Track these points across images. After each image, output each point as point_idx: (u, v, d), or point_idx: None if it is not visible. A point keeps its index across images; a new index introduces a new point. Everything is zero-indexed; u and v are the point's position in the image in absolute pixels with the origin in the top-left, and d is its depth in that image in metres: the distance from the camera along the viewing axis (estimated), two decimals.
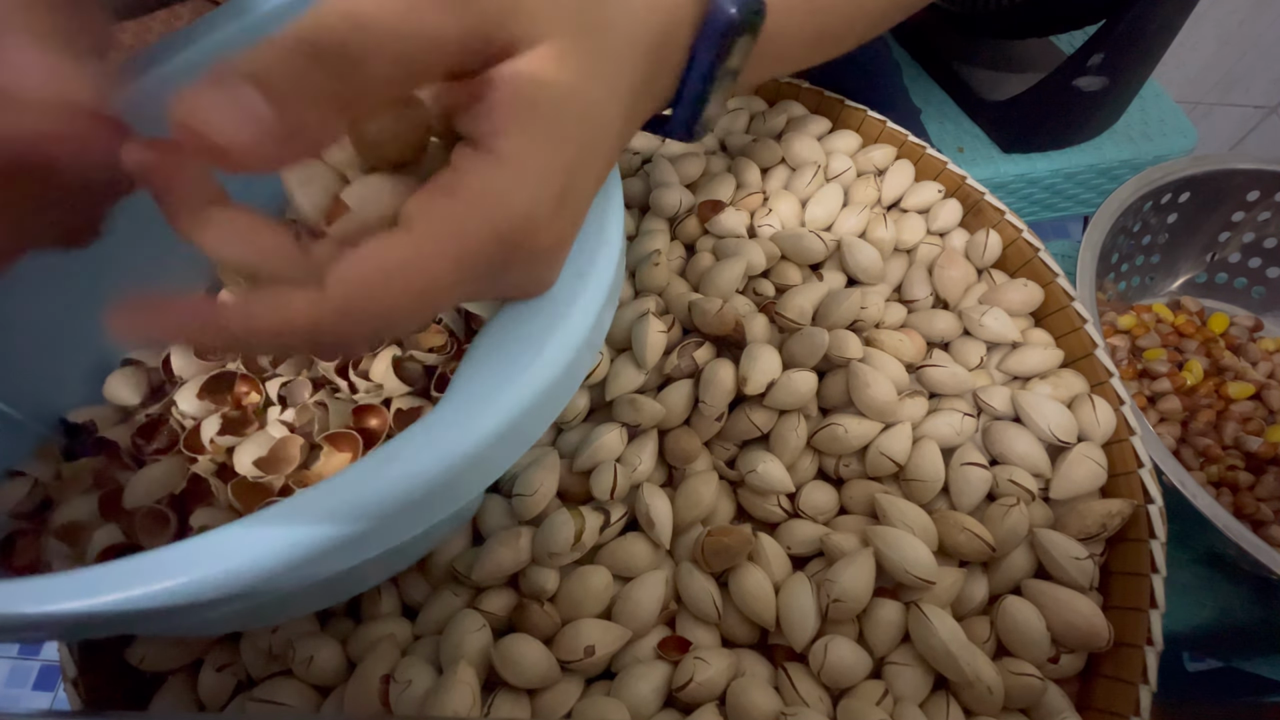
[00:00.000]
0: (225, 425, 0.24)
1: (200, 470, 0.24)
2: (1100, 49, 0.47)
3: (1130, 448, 0.27)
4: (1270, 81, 0.83)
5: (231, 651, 0.25)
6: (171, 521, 0.23)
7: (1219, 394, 0.46)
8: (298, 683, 0.24)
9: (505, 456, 0.17)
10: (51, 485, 0.23)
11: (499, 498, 0.27)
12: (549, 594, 0.25)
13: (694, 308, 0.29)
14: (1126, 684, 0.23)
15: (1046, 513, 0.27)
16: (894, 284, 0.33)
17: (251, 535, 0.14)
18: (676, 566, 0.26)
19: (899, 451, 0.27)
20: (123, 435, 0.24)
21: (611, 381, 0.28)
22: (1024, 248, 0.32)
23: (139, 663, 0.24)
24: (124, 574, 0.14)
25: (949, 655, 0.23)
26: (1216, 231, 0.50)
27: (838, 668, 0.23)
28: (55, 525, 0.22)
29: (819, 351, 0.28)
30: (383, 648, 0.23)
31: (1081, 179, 0.56)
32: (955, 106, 0.57)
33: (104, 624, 0.14)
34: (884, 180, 0.35)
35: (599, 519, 0.25)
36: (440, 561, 0.26)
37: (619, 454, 0.27)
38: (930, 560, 0.24)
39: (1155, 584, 0.24)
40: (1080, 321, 0.30)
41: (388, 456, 0.15)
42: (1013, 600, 0.25)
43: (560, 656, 0.23)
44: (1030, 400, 0.28)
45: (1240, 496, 0.43)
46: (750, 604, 0.24)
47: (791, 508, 0.28)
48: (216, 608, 0.14)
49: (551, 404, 0.17)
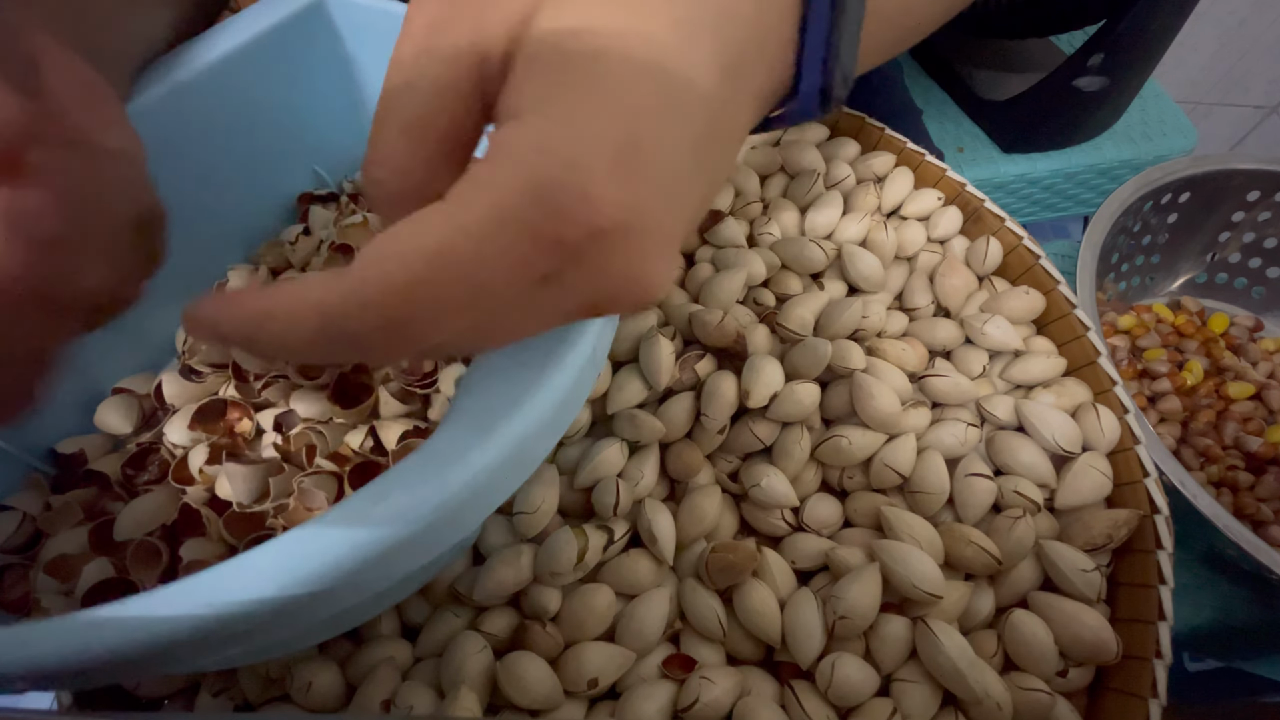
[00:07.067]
0: (214, 453, 0.23)
1: (191, 500, 0.24)
2: (1100, 49, 0.46)
3: (1135, 457, 0.27)
4: (1270, 81, 0.83)
5: (228, 676, 0.24)
6: (163, 554, 0.23)
7: (1219, 394, 0.46)
8: (296, 709, 0.23)
9: (506, 486, 0.16)
10: (41, 518, 0.23)
11: (499, 516, 0.26)
12: (551, 614, 0.24)
13: (694, 319, 0.29)
14: (1136, 698, 0.23)
15: (1052, 524, 0.27)
16: (895, 292, 0.33)
17: (241, 576, 0.13)
18: (680, 583, 0.26)
19: (903, 463, 0.27)
20: (113, 465, 0.24)
21: (613, 395, 0.28)
22: (1025, 255, 0.32)
23: (135, 689, 0.24)
24: (108, 622, 0.13)
25: (957, 672, 0.22)
26: (1216, 231, 0.50)
27: (845, 686, 0.23)
28: (45, 559, 0.22)
29: (822, 362, 0.28)
30: (382, 671, 0.23)
31: (1081, 179, 0.56)
32: (955, 106, 0.57)
33: (88, 675, 0.14)
34: (884, 187, 0.35)
35: (602, 537, 0.25)
36: (440, 582, 0.25)
37: (620, 469, 0.26)
38: (937, 574, 0.24)
39: (1163, 595, 0.24)
40: (1083, 329, 0.30)
41: (383, 491, 0.14)
42: (1020, 614, 0.24)
43: (564, 687, 0.23)
44: (1034, 409, 0.28)
45: (1240, 496, 0.43)
46: (755, 621, 0.24)
47: (796, 521, 0.27)
48: (206, 654, 0.14)
49: (554, 427, 0.16)
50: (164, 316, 0.29)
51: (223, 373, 0.26)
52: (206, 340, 0.13)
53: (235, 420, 0.25)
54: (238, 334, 0.12)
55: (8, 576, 0.22)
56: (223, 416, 0.25)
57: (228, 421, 0.25)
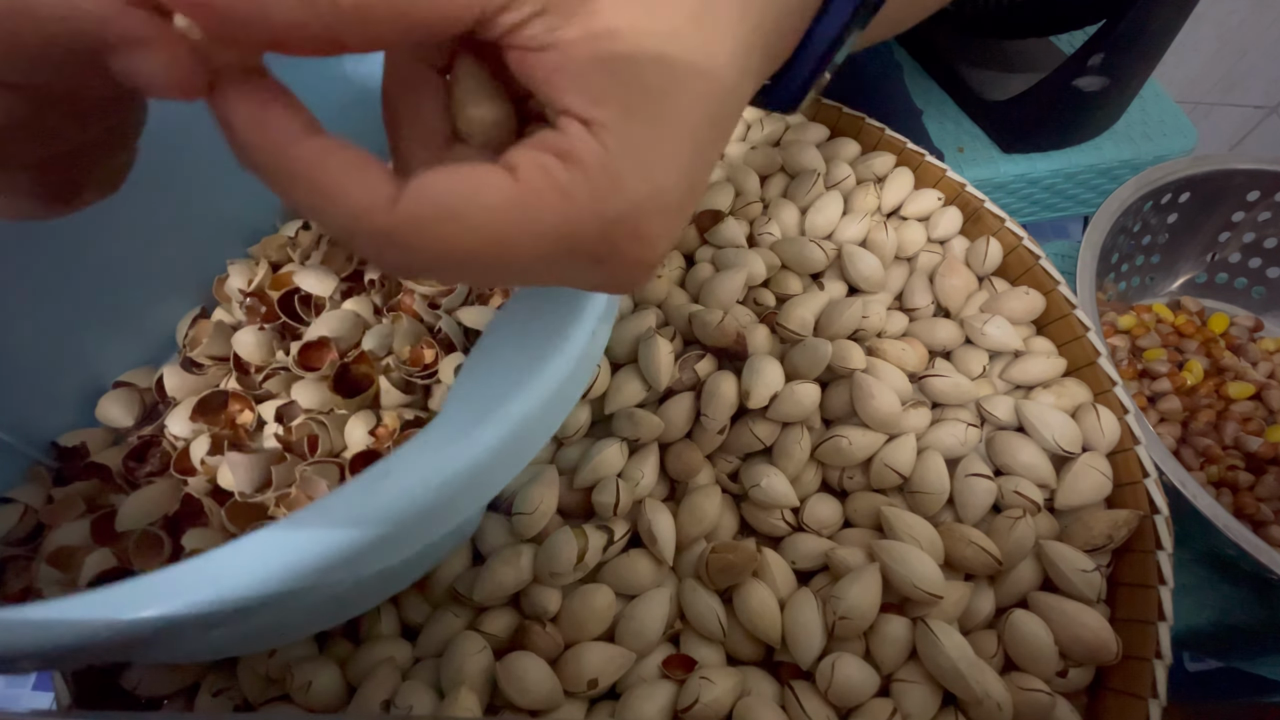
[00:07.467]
0: (215, 444, 0.23)
1: (193, 491, 0.24)
2: (1100, 49, 0.46)
3: (1135, 457, 0.27)
4: (1270, 81, 0.83)
5: (228, 676, 0.24)
6: (165, 544, 0.23)
7: (1219, 394, 0.46)
8: (296, 709, 0.23)
9: (504, 472, 0.16)
10: (43, 510, 0.23)
11: (498, 516, 0.26)
12: (551, 614, 0.24)
13: (695, 320, 0.29)
14: (1136, 698, 0.23)
15: (1052, 524, 0.27)
16: (895, 292, 0.33)
17: (241, 558, 0.14)
18: (680, 583, 0.26)
19: (903, 463, 0.27)
20: (115, 458, 0.24)
21: (612, 395, 0.28)
22: (1025, 255, 0.32)
23: (134, 688, 0.24)
24: (114, 600, 0.13)
25: (957, 672, 0.22)
26: (1216, 231, 0.50)
27: (845, 686, 0.23)
28: (47, 551, 0.22)
29: (822, 363, 0.28)
30: (382, 671, 0.23)
31: (1081, 179, 0.56)
32: (955, 106, 0.57)
33: (94, 652, 0.14)
34: (884, 188, 0.35)
35: (602, 538, 0.25)
36: (440, 581, 0.25)
37: (620, 469, 0.26)
38: (938, 574, 0.24)
39: (1163, 596, 0.24)
40: (1082, 330, 0.30)
41: (383, 473, 0.15)
42: (1020, 614, 0.24)
43: (564, 687, 0.23)
44: (1034, 410, 0.28)
45: (1240, 496, 0.43)
46: (755, 621, 0.24)
47: (796, 522, 0.27)
48: (206, 633, 0.14)
49: (549, 418, 0.17)
50: (164, 311, 0.29)
51: (224, 365, 0.26)
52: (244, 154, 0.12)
53: (236, 412, 0.25)
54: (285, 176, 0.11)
55: (10, 568, 0.22)
56: (224, 408, 0.25)
57: (229, 413, 0.25)
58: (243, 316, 0.27)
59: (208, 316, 0.29)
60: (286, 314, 0.27)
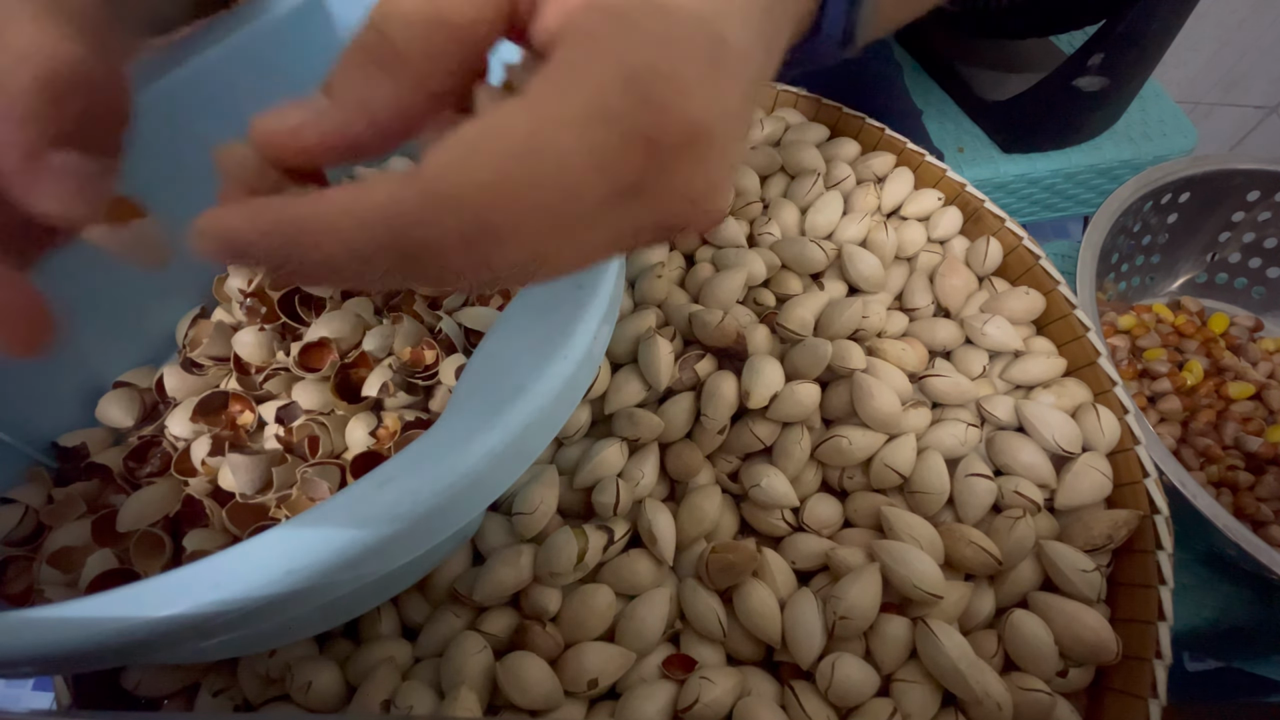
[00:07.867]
0: (216, 445, 0.23)
1: (194, 492, 0.24)
2: (1100, 49, 0.46)
3: (1135, 457, 0.27)
4: (1270, 81, 0.83)
5: (229, 676, 0.24)
6: (166, 545, 0.23)
7: (1219, 394, 0.46)
8: (296, 708, 0.23)
9: (506, 475, 0.16)
10: (43, 511, 0.23)
11: (499, 516, 0.26)
12: (551, 614, 0.24)
13: (695, 320, 0.29)
14: (1136, 698, 0.23)
15: (1052, 524, 0.27)
16: (895, 292, 0.33)
17: (244, 562, 0.14)
18: (680, 583, 0.26)
19: (903, 463, 0.27)
20: (115, 458, 0.24)
21: (612, 395, 0.28)
22: (1025, 255, 0.32)
23: (134, 688, 0.24)
24: (113, 605, 0.13)
25: (957, 672, 0.22)
26: (1216, 231, 0.50)
27: (845, 686, 0.23)
28: (48, 551, 0.22)
29: (822, 363, 0.28)
30: (382, 672, 0.23)
31: (1081, 179, 0.56)
32: (955, 106, 0.56)
33: (95, 658, 0.14)
34: (884, 188, 0.35)
35: (602, 538, 0.25)
36: (440, 582, 0.25)
37: (620, 469, 0.26)
38: (938, 574, 0.24)
39: (1163, 596, 0.24)
40: (1083, 330, 0.30)
41: (386, 478, 0.15)
42: (1020, 614, 0.24)
43: (564, 687, 0.23)
44: (1034, 410, 0.28)
45: (1240, 496, 0.43)
46: (755, 621, 0.24)
47: (796, 521, 0.27)
48: (208, 637, 0.14)
49: (552, 421, 0.17)
50: (164, 311, 0.29)
51: (224, 366, 0.26)
52: (222, 257, 0.11)
53: (237, 413, 0.25)
54: (265, 245, 0.10)
55: (11, 569, 0.22)
56: (224, 409, 0.25)
57: (229, 414, 0.25)
58: (243, 317, 0.27)
59: (208, 316, 0.29)
60: (287, 314, 0.27)
